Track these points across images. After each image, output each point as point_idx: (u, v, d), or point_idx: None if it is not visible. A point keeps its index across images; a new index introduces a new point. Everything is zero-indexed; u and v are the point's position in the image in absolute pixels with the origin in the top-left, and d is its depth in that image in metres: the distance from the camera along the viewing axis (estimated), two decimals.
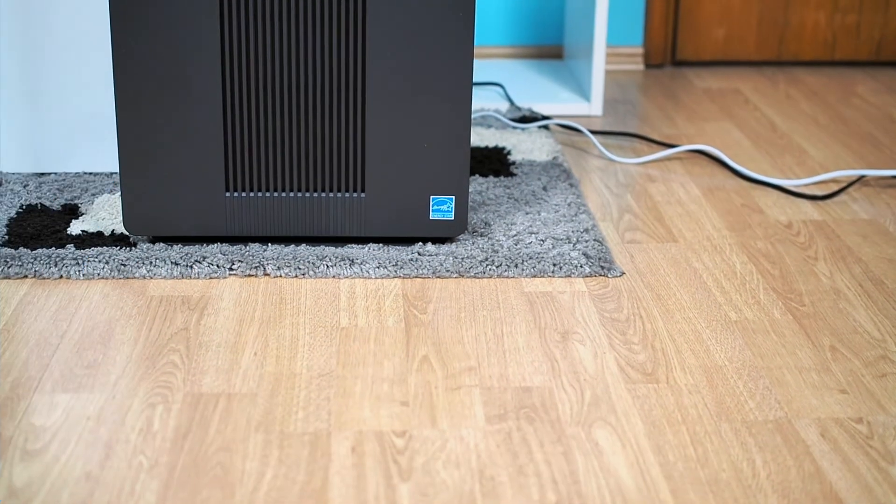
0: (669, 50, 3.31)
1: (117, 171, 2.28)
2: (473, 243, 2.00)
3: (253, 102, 1.91)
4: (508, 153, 2.45)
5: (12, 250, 1.93)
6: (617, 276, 1.95)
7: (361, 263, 1.92)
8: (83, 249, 1.95)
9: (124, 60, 1.87)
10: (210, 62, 1.88)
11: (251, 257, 1.92)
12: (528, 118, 2.71)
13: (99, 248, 1.95)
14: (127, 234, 2.00)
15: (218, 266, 1.91)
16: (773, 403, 1.59)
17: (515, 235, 2.03)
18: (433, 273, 1.92)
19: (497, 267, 1.93)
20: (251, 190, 1.95)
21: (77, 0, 2.19)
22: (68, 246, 1.96)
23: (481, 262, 1.94)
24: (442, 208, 1.97)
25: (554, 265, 1.94)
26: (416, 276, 1.92)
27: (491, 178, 2.31)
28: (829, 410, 1.57)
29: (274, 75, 1.90)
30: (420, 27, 1.88)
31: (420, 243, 1.99)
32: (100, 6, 2.16)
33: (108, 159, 2.27)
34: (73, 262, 1.90)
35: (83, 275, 1.89)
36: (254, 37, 1.88)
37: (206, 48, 1.87)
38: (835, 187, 2.38)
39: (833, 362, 1.70)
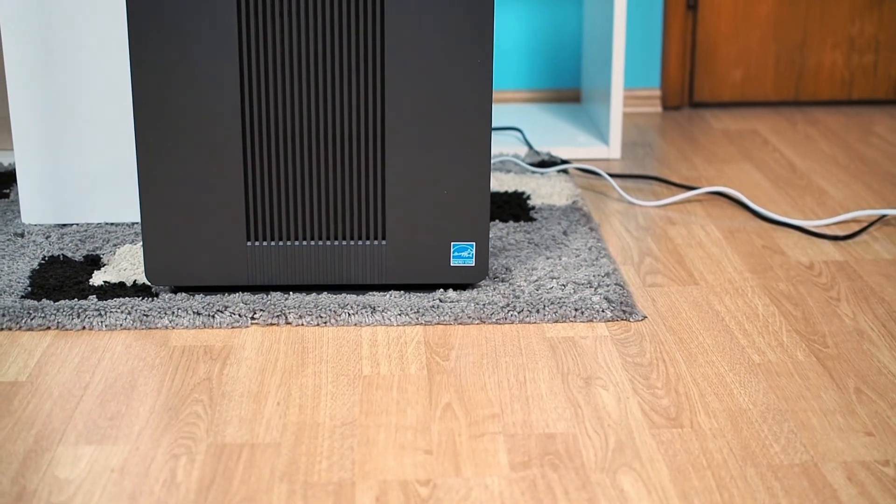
0: (687, 92, 3.32)
1: (139, 221, 2.29)
2: (495, 289, 2.00)
3: (273, 152, 1.92)
4: (528, 198, 2.46)
5: (35, 302, 1.94)
6: (639, 320, 1.94)
7: (383, 311, 1.92)
8: (105, 300, 1.95)
9: (145, 111, 1.88)
10: (230, 112, 1.89)
11: (273, 306, 1.93)
12: (546, 162, 2.72)
13: (121, 299, 1.96)
14: (149, 284, 2.01)
15: (240, 315, 1.91)
16: (798, 447, 1.58)
17: (536, 280, 2.03)
18: (455, 319, 1.92)
19: (519, 312, 1.93)
20: (272, 239, 1.96)
21: (98, 52, 2.21)
22: (91, 297, 1.96)
23: (503, 307, 1.93)
24: (463, 255, 1.97)
25: (576, 310, 1.94)
26: (438, 323, 1.92)
27: (511, 223, 2.31)
28: (856, 453, 1.56)
29: (294, 125, 1.91)
30: (438, 74, 1.89)
31: (441, 290, 1.99)
32: (121, 57, 2.18)
33: (129, 210, 2.29)
34: (96, 312, 1.91)
35: (106, 325, 1.89)
36: (273, 87, 1.89)
37: (227, 98, 1.88)
38: (856, 227, 2.37)
39: (858, 404, 1.69)
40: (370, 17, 1.86)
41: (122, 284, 2.01)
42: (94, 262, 2.11)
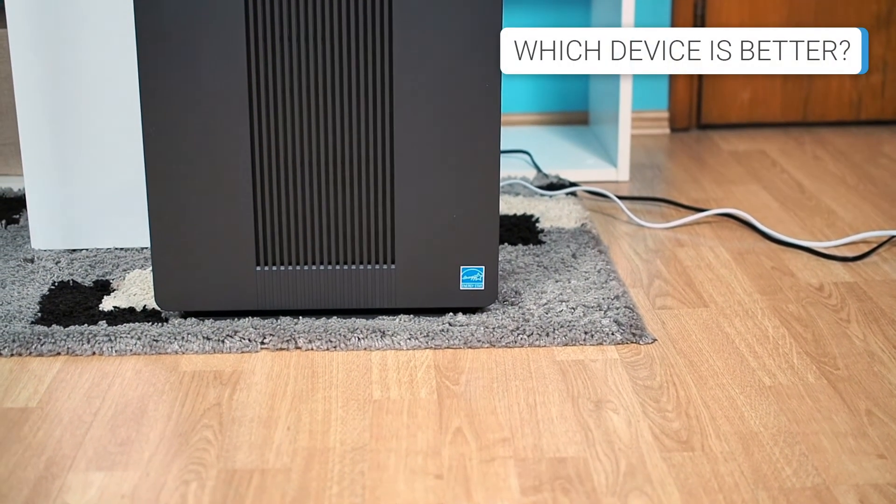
0: (695, 113, 3.32)
1: (148, 246, 2.29)
2: (504, 312, 2.00)
3: (282, 176, 1.92)
4: (537, 221, 2.46)
5: (45, 327, 1.94)
6: (649, 343, 1.94)
7: (393, 335, 1.92)
8: (115, 325, 1.95)
9: (154, 136, 1.89)
10: (239, 137, 1.89)
11: (282, 331, 1.93)
12: (555, 185, 2.72)
13: (131, 324, 1.96)
14: (159, 309, 2.01)
15: (250, 340, 1.91)
16: (810, 470, 1.57)
17: (546, 304, 2.03)
18: (465, 343, 1.92)
19: (528, 336, 1.93)
20: (282, 263, 1.96)
21: (107, 77, 2.22)
22: (100, 322, 1.96)
23: (512, 331, 1.93)
24: (472, 278, 1.97)
25: (585, 333, 1.93)
26: (448, 347, 1.92)
27: (520, 246, 2.31)
28: (868, 476, 1.56)
29: (303, 149, 1.91)
30: (447, 98, 1.89)
31: (451, 314, 1.99)
32: (130, 83, 2.19)
33: (139, 235, 2.29)
34: (106, 338, 1.91)
35: (116, 351, 1.90)
36: (282, 112, 1.89)
37: (236, 123, 1.89)
38: (865, 248, 2.37)
39: (870, 426, 1.68)
40: (378, 42, 1.87)
41: (131, 310, 2.02)
42: (104, 288, 2.11)
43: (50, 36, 2.20)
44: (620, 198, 2.65)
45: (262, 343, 1.91)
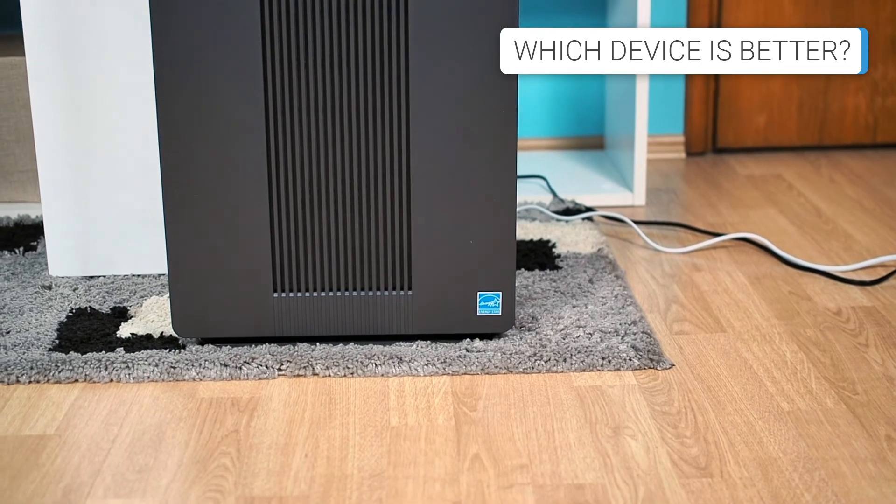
0: (710, 137, 3.32)
1: (166, 273, 2.29)
2: (521, 338, 2.00)
3: (299, 204, 1.92)
4: (553, 246, 2.46)
5: (63, 354, 1.95)
6: (666, 369, 1.94)
7: (410, 361, 1.92)
8: (133, 352, 1.96)
9: (172, 163, 1.90)
10: (256, 164, 1.90)
11: (300, 357, 1.93)
12: (571, 210, 2.72)
13: (148, 351, 1.96)
14: (176, 336, 2.01)
15: (267, 367, 1.91)
16: (829, 496, 1.56)
17: (563, 329, 2.03)
18: (482, 369, 1.91)
19: (546, 362, 1.92)
20: (299, 290, 1.96)
21: (124, 104, 2.22)
22: (118, 349, 1.97)
23: (530, 357, 1.93)
24: (489, 304, 1.97)
25: (603, 359, 1.93)
26: (465, 373, 1.91)
27: (537, 271, 2.31)
28: (888, 502, 1.55)
29: (320, 175, 1.91)
30: (463, 123, 1.89)
31: (468, 339, 1.99)
32: (147, 109, 2.20)
33: (156, 261, 2.29)
34: (123, 365, 1.91)
35: (133, 378, 1.90)
36: (299, 139, 1.90)
37: (253, 150, 1.89)
38: (883, 272, 2.36)
39: (889, 452, 1.68)
40: (395, 67, 1.87)
41: (149, 336, 2.02)
42: (122, 315, 2.12)
43: (67, 64, 2.21)
44: (637, 222, 2.65)
45: (280, 370, 1.92)
